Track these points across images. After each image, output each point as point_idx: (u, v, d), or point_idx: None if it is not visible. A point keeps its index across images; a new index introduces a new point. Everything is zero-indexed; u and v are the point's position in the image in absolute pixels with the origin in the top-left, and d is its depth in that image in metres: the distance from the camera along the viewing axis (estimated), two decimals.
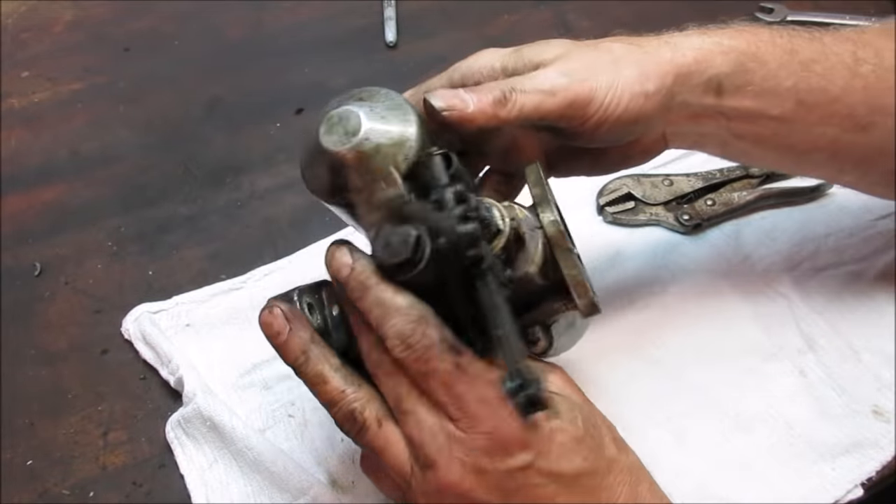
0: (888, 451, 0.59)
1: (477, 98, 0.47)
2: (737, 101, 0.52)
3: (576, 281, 0.46)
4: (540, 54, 0.51)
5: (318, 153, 0.47)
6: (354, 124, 0.46)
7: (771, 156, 0.57)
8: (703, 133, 0.55)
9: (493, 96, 0.47)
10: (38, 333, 0.66)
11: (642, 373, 0.64)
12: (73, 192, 0.76)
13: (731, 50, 0.52)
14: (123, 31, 0.92)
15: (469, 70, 0.52)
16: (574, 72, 0.49)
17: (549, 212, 0.48)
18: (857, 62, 0.54)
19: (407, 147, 0.46)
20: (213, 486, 0.57)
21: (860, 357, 0.65)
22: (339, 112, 0.47)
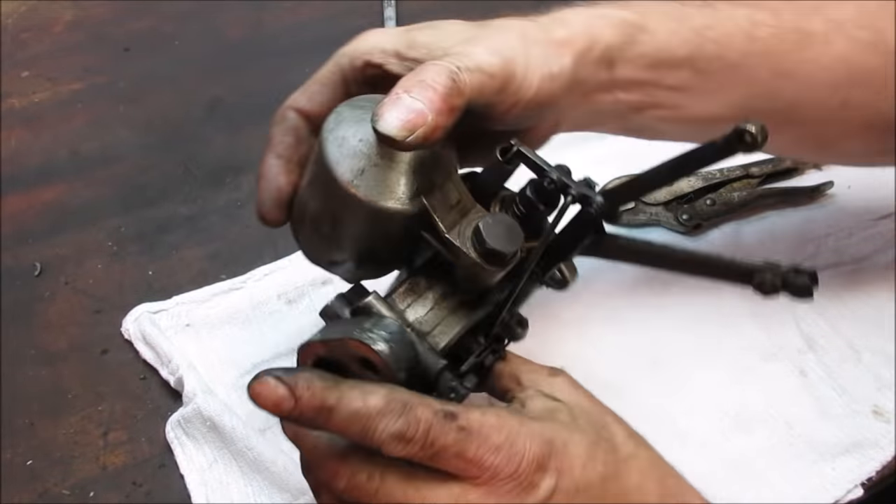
0: (888, 451, 0.59)
1: (428, 99, 0.39)
2: (630, 72, 0.50)
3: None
4: (440, 40, 0.46)
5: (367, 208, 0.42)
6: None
7: (674, 129, 0.55)
8: (599, 111, 0.52)
9: (442, 87, 0.40)
10: (38, 333, 0.66)
11: (643, 373, 0.64)
12: (73, 192, 0.76)
13: (620, 22, 0.49)
14: (123, 31, 0.92)
15: (357, 53, 0.47)
16: (497, 51, 0.45)
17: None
18: (754, 26, 0.51)
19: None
20: (213, 486, 0.57)
21: (860, 357, 0.65)
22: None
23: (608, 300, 0.68)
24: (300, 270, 0.69)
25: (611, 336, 0.66)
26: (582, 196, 0.43)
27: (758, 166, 0.76)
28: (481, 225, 0.41)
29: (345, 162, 0.41)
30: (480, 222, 0.41)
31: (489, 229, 0.41)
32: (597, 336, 0.66)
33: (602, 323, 0.67)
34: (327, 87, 0.48)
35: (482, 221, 0.41)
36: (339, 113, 0.44)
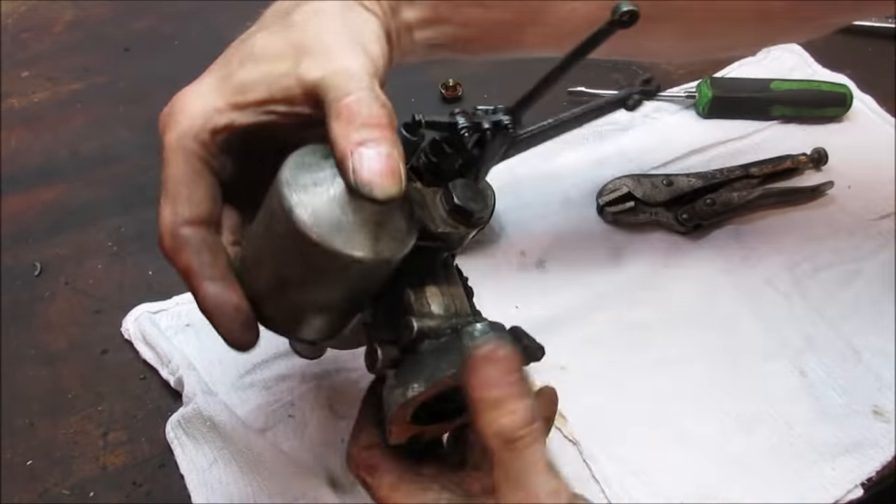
0: (888, 451, 0.59)
1: (386, 139, 0.38)
2: (420, 12, 0.49)
3: None
4: (270, 69, 0.43)
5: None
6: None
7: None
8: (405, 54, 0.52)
9: (385, 117, 0.39)
10: (38, 333, 0.66)
11: (643, 373, 0.64)
12: (73, 192, 0.76)
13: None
14: (123, 31, 0.92)
15: (196, 130, 0.43)
16: (356, 51, 0.43)
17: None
18: None
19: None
20: (214, 486, 0.57)
21: (860, 357, 0.65)
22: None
23: (608, 300, 0.68)
24: None
25: (611, 336, 0.66)
26: (495, 124, 0.45)
27: (758, 166, 0.76)
28: (452, 190, 0.43)
29: (335, 233, 0.38)
30: (451, 187, 0.43)
31: (458, 191, 0.43)
32: (597, 336, 0.66)
33: (602, 323, 0.67)
34: (194, 182, 0.43)
35: (452, 186, 0.43)
36: (288, 183, 0.39)
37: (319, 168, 0.40)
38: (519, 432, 0.37)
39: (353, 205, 0.39)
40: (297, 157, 0.41)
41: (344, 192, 0.39)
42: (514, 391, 0.37)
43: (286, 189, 0.39)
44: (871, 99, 0.85)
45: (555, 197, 0.76)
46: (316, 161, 0.41)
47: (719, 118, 0.83)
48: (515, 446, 0.37)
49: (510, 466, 0.38)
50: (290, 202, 0.38)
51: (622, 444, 0.60)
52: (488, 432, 0.38)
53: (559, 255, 0.71)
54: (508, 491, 0.38)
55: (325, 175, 0.40)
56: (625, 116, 0.82)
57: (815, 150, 0.78)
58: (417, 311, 0.43)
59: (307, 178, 0.39)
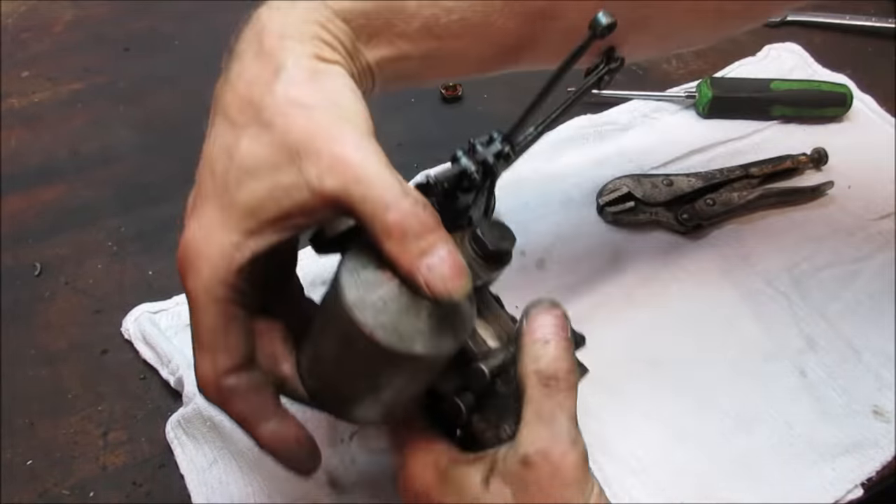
0: (888, 451, 0.59)
1: (441, 238, 0.39)
2: (384, 51, 0.47)
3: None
4: (276, 178, 0.40)
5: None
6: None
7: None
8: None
9: (429, 216, 0.39)
10: (38, 333, 0.66)
11: (642, 373, 0.64)
12: (73, 192, 0.76)
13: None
14: (123, 31, 0.92)
15: (221, 276, 0.40)
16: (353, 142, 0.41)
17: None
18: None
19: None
20: (213, 486, 0.57)
21: (860, 357, 0.65)
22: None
23: (608, 300, 0.68)
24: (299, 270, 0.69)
25: (611, 336, 0.66)
26: (497, 155, 0.46)
27: (758, 166, 0.76)
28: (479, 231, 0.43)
29: (417, 340, 0.39)
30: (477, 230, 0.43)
31: (488, 236, 0.44)
32: (597, 336, 0.66)
33: (602, 323, 0.67)
34: (229, 328, 0.42)
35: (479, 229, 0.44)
36: (357, 307, 0.39)
37: (377, 279, 0.39)
38: (559, 373, 0.41)
39: (425, 309, 0.39)
40: (348, 273, 0.40)
41: (410, 298, 0.39)
42: (563, 337, 0.42)
43: (359, 314, 0.38)
44: (871, 99, 0.85)
45: (555, 197, 0.76)
46: (371, 271, 0.40)
47: (719, 118, 0.83)
48: (551, 386, 0.41)
49: (542, 404, 0.40)
50: (369, 326, 0.38)
51: (622, 444, 0.60)
52: (531, 368, 0.41)
53: (559, 255, 0.71)
54: (535, 426, 0.40)
55: (387, 286, 0.39)
56: (625, 116, 0.82)
57: (815, 150, 0.78)
58: (480, 354, 0.44)
59: (372, 294, 0.39)
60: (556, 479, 0.39)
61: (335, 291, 0.40)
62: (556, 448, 0.40)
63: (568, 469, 0.40)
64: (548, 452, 0.40)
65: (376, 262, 0.40)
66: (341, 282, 0.39)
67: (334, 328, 0.40)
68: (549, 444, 0.40)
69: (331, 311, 0.41)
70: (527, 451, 0.40)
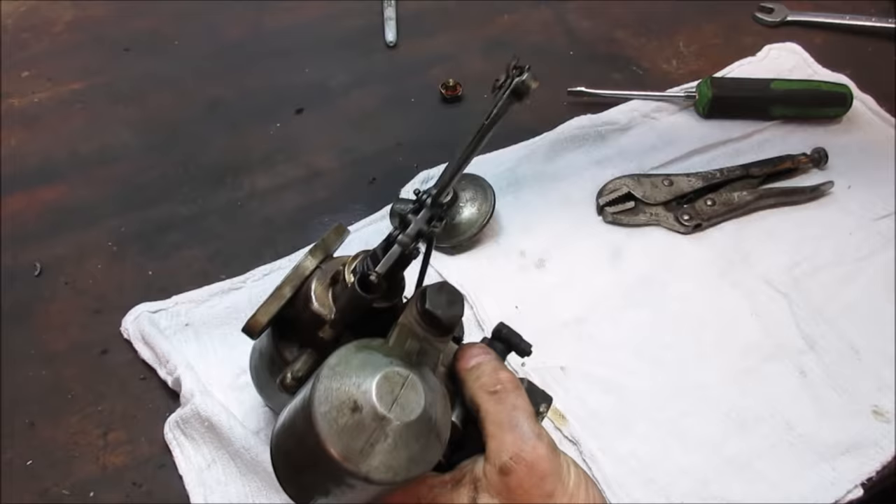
0: (888, 451, 0.59)
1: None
2: None
3: None
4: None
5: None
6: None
7: None
8: None
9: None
10: (38, 333, 0.66)
11: (643, 372, 0.64)
12: (73, 192, 0.76)
13: None
14: (123, 31, 0.92)
15: None
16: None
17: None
18: None
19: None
20: (212, 486, 0.57)
21: (860, 357, 0.65)
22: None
23: (608, 300, 0.68)
24: None
25: (611, 336, 0.66)
26: (420, 234, 0.46)
27: (758, 166, 0.76)
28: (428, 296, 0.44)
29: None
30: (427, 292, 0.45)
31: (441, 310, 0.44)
32: (597, 336, 0.66)
33: (602, 323, 0.67)
34: None
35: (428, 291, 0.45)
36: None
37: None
38: (501, 380, 0.45)
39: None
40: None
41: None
42: (492, 356, 0.47)
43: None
44: (871, 99, 0.85)
45: (555, 197, 0.76)
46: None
47: (719, 118, 0.83)
48: (499, 391, 0.45)
49: (498, 412, 0.44)
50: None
51: (622, 444, 0.60)
52: (476, 385, 0.45)
53: (559, 255, 0.71)
54: (500, 436, 0.43)
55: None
56: (625, 116, 0.82)
57: (815, 150, 0.78)
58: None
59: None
60: (534, 475, 0.42)
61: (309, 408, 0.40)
62: (524, 447, 0.43)
63: (542, 462, 0.43)
64: (519, 455, 0.42)
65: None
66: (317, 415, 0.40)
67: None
68: (518, 447, 0.43)
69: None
70: (502, 460, 0.43)
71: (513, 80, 0.43)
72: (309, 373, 0.46)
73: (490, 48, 0.91)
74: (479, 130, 0.44)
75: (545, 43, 0.92)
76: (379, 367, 0.41)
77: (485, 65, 0.89)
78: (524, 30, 0.93)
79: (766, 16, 0.95)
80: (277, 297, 0.47)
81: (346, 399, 0.40)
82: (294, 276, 0.48)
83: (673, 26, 0.94)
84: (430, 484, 0.44)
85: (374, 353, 0.42)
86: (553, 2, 0.97)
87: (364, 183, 0.77)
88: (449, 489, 0.44)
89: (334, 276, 0.48)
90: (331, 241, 0.50)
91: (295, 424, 0.41)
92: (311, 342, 0.47)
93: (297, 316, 0.48)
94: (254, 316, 0.47)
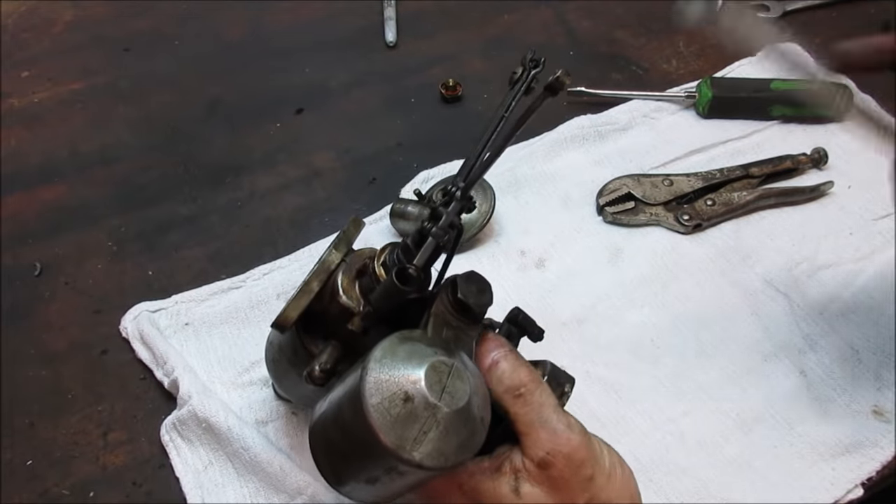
0: (888, 451, 0.59)
1: None
2: None
3: None
4: None
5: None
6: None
7: None
8: None
9: None
10: (38, 333, 0.66)
11: (643, 373, 0.64)
12: (73, 192, 0.76)
13: None
14: (123, 31, 0.92)
15: None
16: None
17: None
18: None
19: None
20: (209, 488, 0.57)
21: (860, 357, 0.65)
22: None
23: (608, 300, 0.68)
24: (299, 270, 0.69)
25: (611, 336, 0.66)
26: (452, 225, 0.47)
27: (758, 166, 0.76)
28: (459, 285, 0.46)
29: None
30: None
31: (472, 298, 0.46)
32: (597, 336, 0.66)
33: (602, 323, 0.67)
34: None
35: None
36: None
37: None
38: (522, 381, 0.45)
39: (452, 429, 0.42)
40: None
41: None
42: (508, 350, 0.47)
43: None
44: (871, 99, 0.85)
45: (555, 197, 0.76)
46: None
47: (719, 118, 0.83)
48: (523, 395, 0.45)
49: (526, 413, 0.45)
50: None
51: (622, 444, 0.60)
52: (500, 390, 0.46)
53: (559, 255, 0.71)
54: (532, 433, 0.44)
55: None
56: (625, 116, 0.82)
57: (815, 150, 0.78)
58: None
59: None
60: (572, 464, 0.44)
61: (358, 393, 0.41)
62: (559, 441, 0.44)
63: (578, 451, 0.44)
64: (555, 449, 0.44)
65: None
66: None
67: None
68: (552, 442, 0.44)
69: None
70: (539, 456, 0.44)
71: (530, 73, 0.45)
72: (335, 365, 0.47)
73: (490, 48, 0.91)
74: (499, 122, 0.46)
75: (545, 43, 0.92)
76: (425, 357, 0.42)
77: (485, 65, 0.89)
78: (524, 30, 0.93)
79: (764, 14, 0.95)
80: (306, 291, 0.47)
81: (398, 390, 0.41)
82: (320, 270, 0.48)
83: (673, 26, 0.94)
84: (471, 471, 0.45)
85: (417, 344, 0.43)
86: (553, 2, 0.97)
87: (364, 183, 0.77)
88: (489, 476, 0.45)
89: (360, 268, 0.49)
90: (351, 234, 0.50)
91: (341, 416, 0.42)
92: (335, 335, 0.48)
93: (324, 309, 0.48)
94: (284, 311, 0.47)
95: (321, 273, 0.48)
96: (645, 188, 0.74)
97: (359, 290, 0.48)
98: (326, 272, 0.48)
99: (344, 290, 0.47)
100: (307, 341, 0.49)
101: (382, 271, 0.47)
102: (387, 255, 0.48)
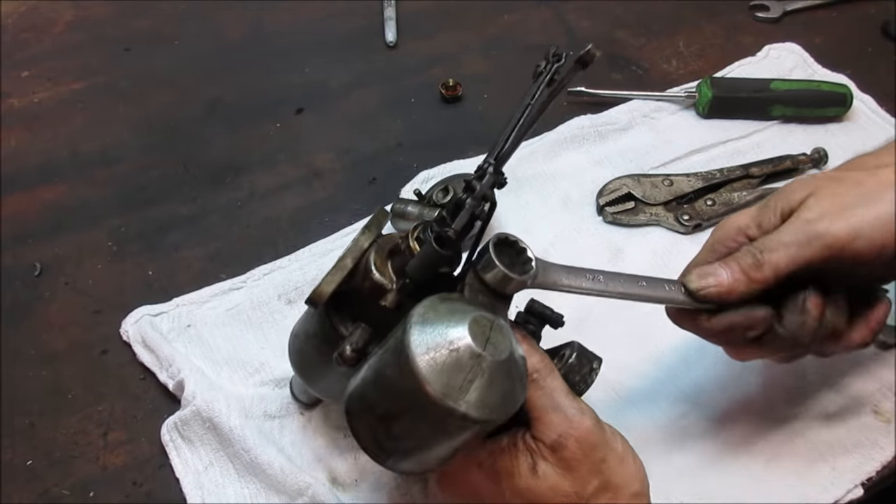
0: (888, 451, 0.59)
1: (729, 272, 0.51)
2: None
3: None
4: (786, 199, 0.52)
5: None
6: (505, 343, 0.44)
7: None
8: None
9: (744, 264, 0.50)
10: (38, 333, 0.66)
11: (643, 373, 0.64)
12: (73, 192, 0.76)
13: None
14: (123, 31, 0.92)
15: (723, 236, 0.54)
16: (826, 213, 0.49)
17: None
18: None
19: None
20: (210, 488, 0.57)
21: (860, 357, 0.65)
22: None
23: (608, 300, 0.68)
24: (299, 270, 0.69)
25: (611, 336, 0.66)
26: (485, 197, 0.49)
27: (758, 166, 0.76)
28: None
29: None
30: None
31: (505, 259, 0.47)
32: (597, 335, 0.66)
33: (602, 323, 0.67)
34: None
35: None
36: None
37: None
38: (534, 365, 0.47)
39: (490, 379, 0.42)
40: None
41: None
42: (520, 336, 0.48)
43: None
44: (871, 99, 0.85)
45: (555, 197, 0.76)
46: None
47: (719, 118, 0.83)
48: (536, 380, 0.46)
49: (538, 397, 0.46)
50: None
51: None
52: None
53: (559, 255, 0.71)
54: (544, 417, 0.46)
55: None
56: (625, 116, 0.82)
57: (815, 150, 0.78)
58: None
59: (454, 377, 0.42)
60: (584, 447, 0.46)
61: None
62: (571, 424, 0.46)
63: (589, 434, 0.46)
64: (567, 432, 0.46)
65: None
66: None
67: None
68: (565, 426, 0.46)
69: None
70: (552, 439, 0.46)
71: (553, 66, 0.48)
72: (366, 345, 0.48)
73: (490, 48, 0.91)
74: (525, 109, 0.48)
75: (545, 43, 0.91)
76: (467, 312, 0.43)
77: (485, 65, 0.89)
78: (524, 30, 0.93)
79: (764, 14, 0.95)
80: (340, 267, 0.48)
81: (442, 340, 0.41)
82: (353, 248, 0.48)
83: (673, 26, 0.94)
84: (490, 449, 0.47)
85: (456, 303, 0.44)
86: (553, 2, 0.97)
87: (364, 183, 0.77)
88: (508, 454, 0.47)
89: (392, 248, 0.49)
90: (381, 219, 0.51)
91: (382, 375, 0.43)
92: (365, 316, 0.48)
93: (356, 288, 0.48)
94: (318, 287, 0.48)
95: (354, 251, 0.48)
96: (645, 188, 0.74)
97: (391, 269, 0.48)
98: (359, 251, 0.48)
99: (377, 268, 0.48)
100: (337, 323, 0.49)
101: (417, 245, 0.48)
102: (419, 230, 0.49)
